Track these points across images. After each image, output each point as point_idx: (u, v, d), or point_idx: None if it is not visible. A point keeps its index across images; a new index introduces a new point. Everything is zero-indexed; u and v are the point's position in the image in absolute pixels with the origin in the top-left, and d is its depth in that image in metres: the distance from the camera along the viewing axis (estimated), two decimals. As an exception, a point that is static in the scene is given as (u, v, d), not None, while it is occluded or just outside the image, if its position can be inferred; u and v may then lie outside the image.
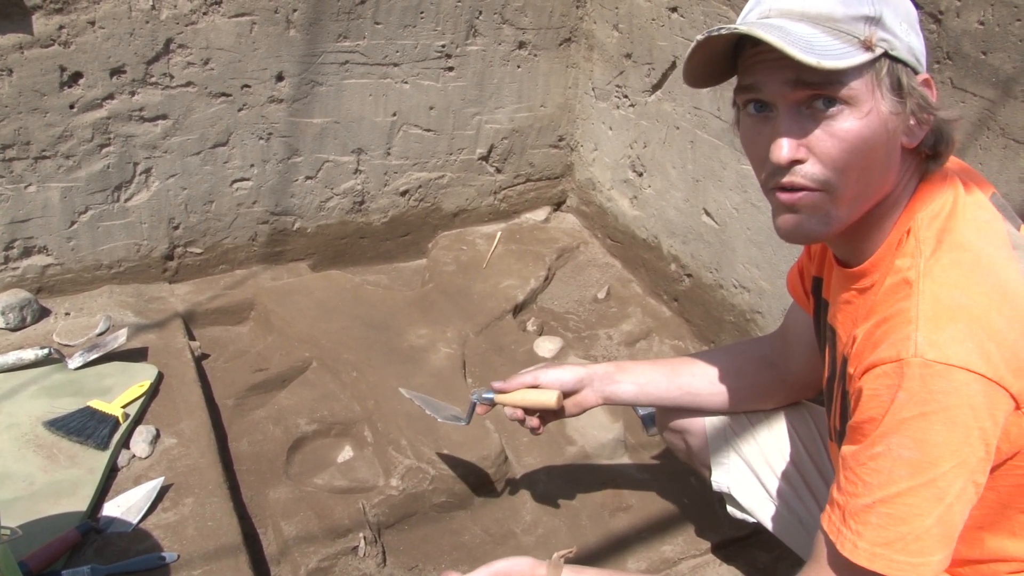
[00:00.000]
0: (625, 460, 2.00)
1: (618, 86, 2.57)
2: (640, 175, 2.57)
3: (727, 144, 2.17)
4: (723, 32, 0.91)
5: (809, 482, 1.42)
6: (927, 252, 0.94)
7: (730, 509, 1.53)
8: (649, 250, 2.59)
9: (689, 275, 2.43)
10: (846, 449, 0.96)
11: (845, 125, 0.90)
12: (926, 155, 0.98)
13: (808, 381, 1.42)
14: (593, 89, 2.70)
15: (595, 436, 2.03)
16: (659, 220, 2.52)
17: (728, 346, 1.55)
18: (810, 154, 0.92)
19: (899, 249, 0.98)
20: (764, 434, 1.47)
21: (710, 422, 1.50)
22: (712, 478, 1.51)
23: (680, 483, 1.92)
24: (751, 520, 1.50)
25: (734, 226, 2.21)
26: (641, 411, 2.10)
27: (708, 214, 2.31)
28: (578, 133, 2.85)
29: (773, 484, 1.45)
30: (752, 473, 1.47)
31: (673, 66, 2.30)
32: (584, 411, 1.48)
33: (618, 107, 2.60)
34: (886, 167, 0.95)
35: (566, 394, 1.45)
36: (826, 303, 1.17)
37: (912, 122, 0.94)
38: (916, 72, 0.93)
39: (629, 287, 2.64)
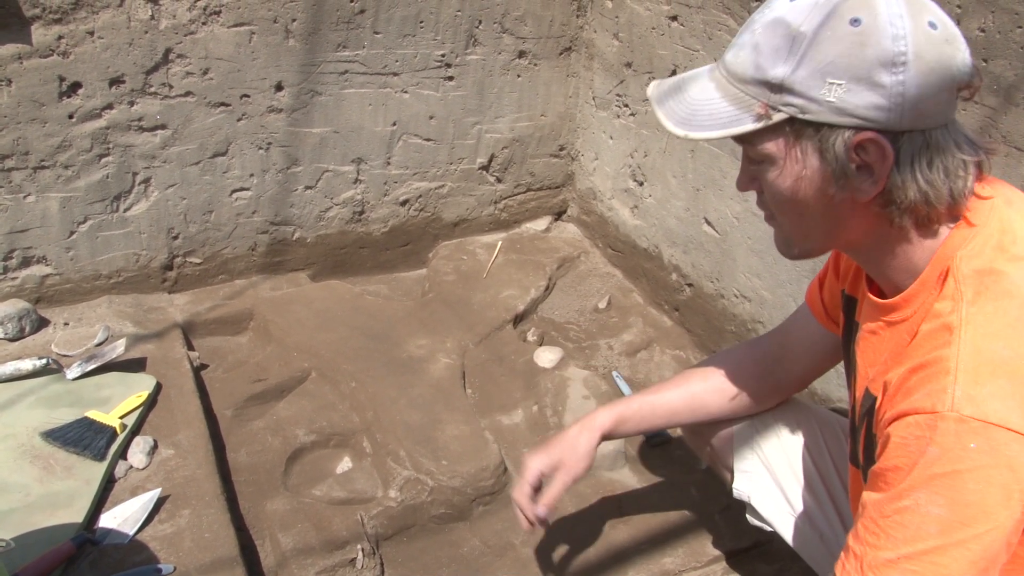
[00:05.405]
0: (625, 471, 1.98)
1: (618, 95, 2.57)
2: (641, 184, 2.57)
3: (727, 153, 2.16)
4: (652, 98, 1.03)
5: (835, 498, 1.39)
6: (969, 296, 0.89)
7: (749, 516, 1.52)
8: (650, 260, 2.58)
9: (690, 285, 2.42)
10: (868, 496, 0.91)
11: (766, 177, 0.97)
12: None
13: (803, 383, 1.45)
14: (593, 98, 2.70)
15: (595, 446, 2.02)
16: (660, 229, 2.51)
17: (723, 354, 1.54)
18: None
19: (935, 289, 0.93)
20: (792, 445, 1.44)
21: (738, 428, 1.48)
22: (733, 484, 1.49)
23: (680, 494, 1.91)
24: (768, 529, 1.48)
25: (735, 235, 2.20)
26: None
27: (709, 223, 2.30)
28: (579, 142, 2.85)
29: (797, 496, 1.42)
30: (775, 483, 1.45)
31: (674, 75, 2.29)
32: None
33: (618, 116, 2.60)
34: (830, 218, 0.96)
35: None
36: (857, 325, 1.14)
37: (857, 180, 0.90)
38: (863, 129, 0.87)
39: (630, 297, 2.63)
